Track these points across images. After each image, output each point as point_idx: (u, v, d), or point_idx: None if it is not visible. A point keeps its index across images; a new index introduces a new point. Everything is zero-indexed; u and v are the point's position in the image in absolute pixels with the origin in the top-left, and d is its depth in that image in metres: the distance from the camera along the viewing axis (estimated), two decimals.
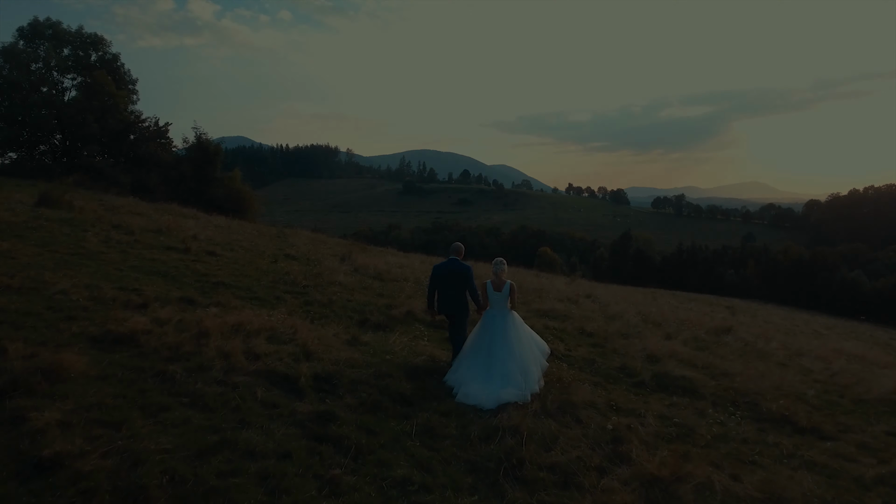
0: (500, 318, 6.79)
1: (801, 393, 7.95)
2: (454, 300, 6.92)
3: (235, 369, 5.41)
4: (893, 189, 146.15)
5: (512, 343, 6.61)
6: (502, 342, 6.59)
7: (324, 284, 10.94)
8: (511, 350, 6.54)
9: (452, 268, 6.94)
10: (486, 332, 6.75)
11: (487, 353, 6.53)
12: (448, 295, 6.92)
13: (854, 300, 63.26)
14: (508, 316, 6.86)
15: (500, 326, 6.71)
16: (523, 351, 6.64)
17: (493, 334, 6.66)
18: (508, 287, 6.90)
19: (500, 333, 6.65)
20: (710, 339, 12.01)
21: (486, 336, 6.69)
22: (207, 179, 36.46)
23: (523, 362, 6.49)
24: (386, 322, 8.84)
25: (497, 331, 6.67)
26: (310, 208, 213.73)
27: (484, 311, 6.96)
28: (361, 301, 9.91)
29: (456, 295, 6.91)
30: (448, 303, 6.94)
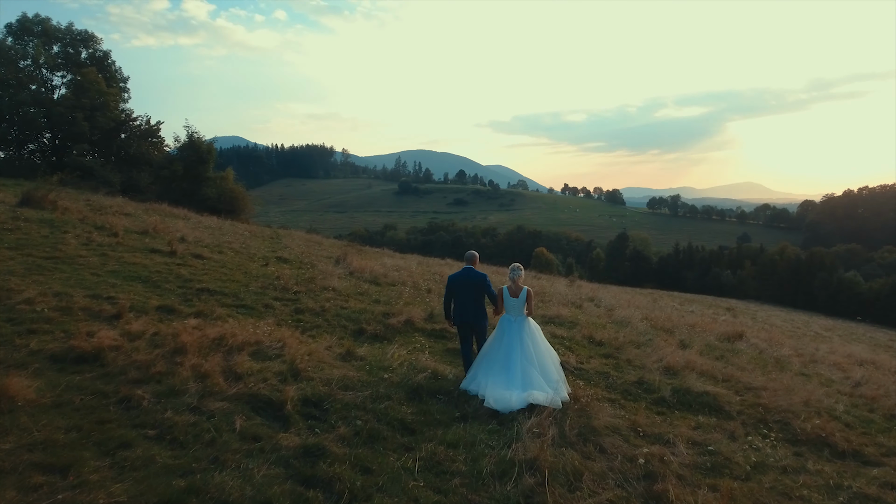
0: (517, 324, 6.57)
1: (831, 408, 7.35)
2: (471, 310, 6.72)
3: (213, 393, 4.75)
4: (888, 190, 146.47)
5: (529, 349, 6.45)
6: (520, 348, 6.42)
7: (317, 290, 10.28)
8: (528, 356, 6.37)
9: (468, 277, 6.74)
10: (502, 338, 6.55)
11: (505, 359, 6.37)
12: (464, 305, 6.73)
13: (851, 301, 63.08)
14: (525, 322, 6.62)
15: (517, 332, 6.51)
16: (541, 357, 6.48)
17: (510, 340, 6.48)
18: (525, 293, 6.67)
19: (518, 340, 6.47)
20: (723, 346, 11.42)
21: (504, 342, 6.51)
22: (199, 179, 35.69)
23: (543, 367, 6.37)
24: (383, 332, 8.18)
25: (514, 337, 6.49)
26: (305, 208, 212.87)
27: (499, 316, 6.77)
28: (357, 309, 9.25)
29: (472, 305, 6.73)
30: (464, 313, 6.72)
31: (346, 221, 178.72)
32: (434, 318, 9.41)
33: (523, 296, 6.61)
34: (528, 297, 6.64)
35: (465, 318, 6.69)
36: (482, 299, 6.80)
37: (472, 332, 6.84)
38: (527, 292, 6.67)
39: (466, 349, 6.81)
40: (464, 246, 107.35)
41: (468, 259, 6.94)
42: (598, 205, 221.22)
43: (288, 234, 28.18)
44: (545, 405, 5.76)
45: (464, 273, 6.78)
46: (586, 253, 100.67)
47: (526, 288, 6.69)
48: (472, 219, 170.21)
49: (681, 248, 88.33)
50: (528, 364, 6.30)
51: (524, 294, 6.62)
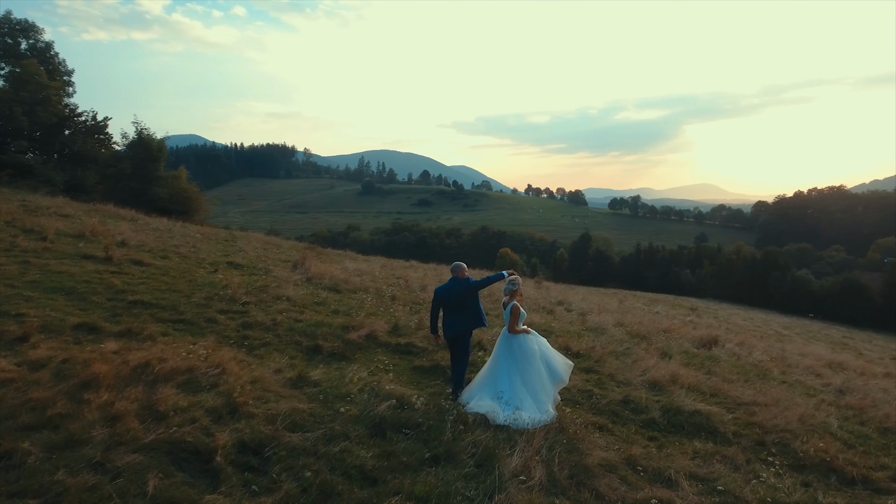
0: (503, 337, 6.27)
1: (826, 425, 6.87)
2: (458, 323, 6.39)
3: (124, 442, 3.80)
4: (835, 191, 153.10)
5: (507, 363, 6.08)
6: (504, 364, 6.11)
7: (269, 300, 9.29)
8: (506, 371, 6.02)
9: (454, 289, 6.44)
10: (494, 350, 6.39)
11: (491, 371, 6.19)
12: (452, 317, 6.41)
13: (804, 299, 65.03)
14: (508, 337, 6.22)
15: (502, 346, 6.24)
16: (523, 374, 6.00)
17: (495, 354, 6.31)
18: (507, 309, 6.20)
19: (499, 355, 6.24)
20: (701, 353, 10.98)
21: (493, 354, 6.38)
22: (150, 178, 33.81)
23: (525, 384, 5.93)
24: (342, 349, 7.28)
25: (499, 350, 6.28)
26: (266, 209, 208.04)
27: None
28: (313, 321, 8.30)
29: (460, 317, 6.39)
30: (452, 326, 6.40)
31: (308, 222, 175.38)
32: (399, 331, 8.58)
33: (506, 312, 6.17)
34: (511, 313, 6.10)
35: (453, 332, 6.35)
36: (474, 312, 6.40)
37: (459, 343, 6.43)
38: (510, 308, 6.15)
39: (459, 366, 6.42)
40: (428, 247, 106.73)
41: (454, 270, 6.60)
42: (561, 205, 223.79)
43: (244, 236, 26.79)
44: (528, 426, 5.32)
45: (450, 285, 6.46)
46: (550, 253, 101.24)
47: (512, 303, 6.17)
48: (436, 219, 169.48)
49: (642, 248, 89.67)
50: (506, 379, 5.94)
51: (506, 310, 6.17)
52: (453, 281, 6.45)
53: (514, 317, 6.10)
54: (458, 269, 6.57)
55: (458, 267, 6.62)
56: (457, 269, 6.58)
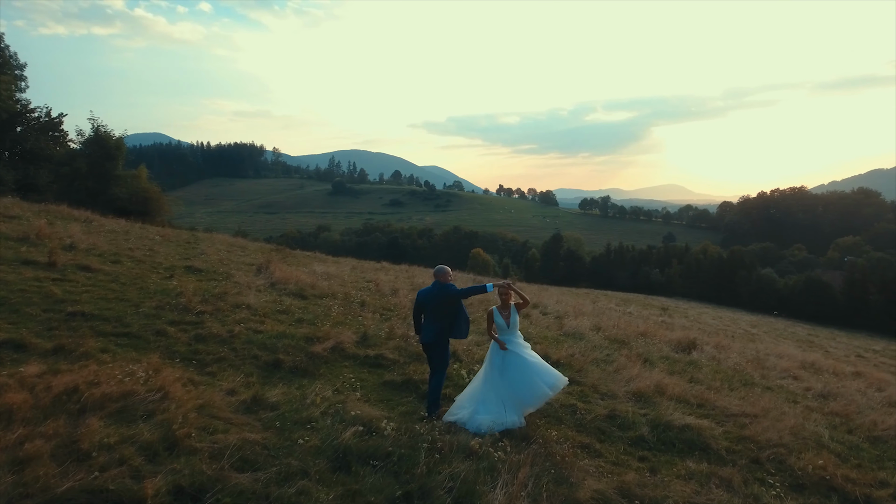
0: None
1: (816, 435, 6.57)
2: (433, 330, 5.99)
3: (31, 493, 3.14)
4: (796, 192, 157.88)
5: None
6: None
7: (227, 309, 8.57)
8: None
9: (434, 294, 6.04)
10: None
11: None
12: (428, 322, 6.03)
13: (769, 297, 66.59)
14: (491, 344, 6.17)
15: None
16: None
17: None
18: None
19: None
20: (681, 358, 10.68)
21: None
22: (107, 177, 32.33)
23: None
24: (305, 364, 6.65)
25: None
26: (234, 209, 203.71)
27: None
28: (274, 333, 7.64)
29: (437, 324, 5.99)
30: (426, 331, 6.02)
31: (277, 223, 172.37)
32: (368, 341, 7.98)
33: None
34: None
35: (429, 338, 5.98)
36: (451, 321, 6.01)
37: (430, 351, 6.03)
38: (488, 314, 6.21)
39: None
40: (400, 247, 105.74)
41: (436, 274, 6.17)
42: (532, 206, 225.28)
43: (208, 238, 25.70)
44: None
45: (431, 290, 6.07)
46: (522, 253, 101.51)
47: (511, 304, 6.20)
48: (408, 220, 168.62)
49: (612, 248, 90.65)
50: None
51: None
52: (435, 285, 6.05)
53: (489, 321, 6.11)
54: (440, 274, 6.10)
55: (440, 271, 6.14)
56: (439, 274, 6.11)
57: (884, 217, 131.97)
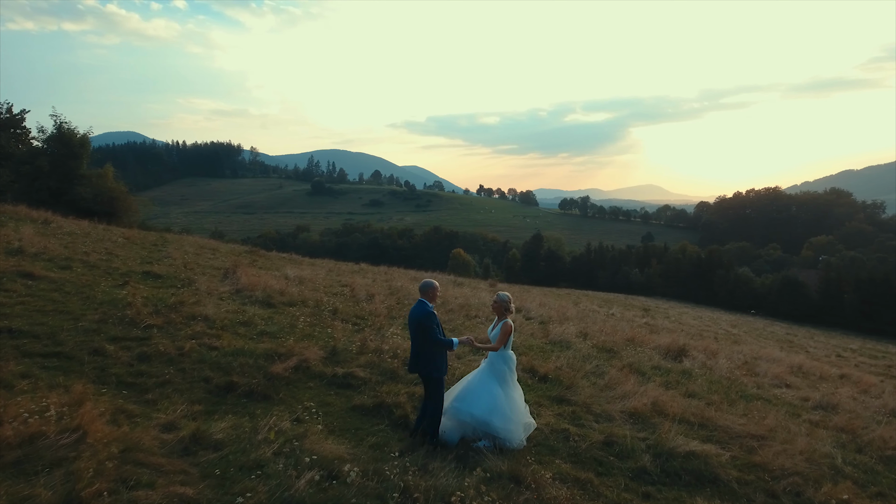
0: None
1: (829, 458, 6.00)
2: (412, 355, 5.24)
3: None
4: (771, 192, 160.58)
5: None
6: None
7: (180, 322, 7.70)
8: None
9: (412, 313, 5.33)
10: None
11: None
12: (413, 349, 5.26)
13: (746, 296, 67.22)
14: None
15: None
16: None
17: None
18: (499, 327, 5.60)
19: None
20: (674, 368, 10.10)
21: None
22: (71, 176, 30.88)
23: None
24: (263, 387, 5.84)
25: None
26: (211, 209, 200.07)
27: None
28: (231, 349, 6.81)
29: (418, 350, 5.17)
30: (412, 360, 5.25)
31: (255, 223, 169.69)
32: (337, 357, 7.19)
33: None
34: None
35: (413, 368, 5.23)
36: (417, 350, 5.19)
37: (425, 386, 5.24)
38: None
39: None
40: (380, 248, 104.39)
41: (421, 290, 5.40)
42: (513, 206, 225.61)
43: (177, 239, 24.56)
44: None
45: (414, 308, 5.31)
46: (503, 253, 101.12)
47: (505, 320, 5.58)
48: (388, 220, 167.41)
49: (592, 247, 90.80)
50: None
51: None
52: (417, 303, 5.28)
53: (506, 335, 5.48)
54: (424, 290, 5.33)
55: (423, 287, 5.36)
56: (422, 290, 5.34)
57: (855, 217, 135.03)
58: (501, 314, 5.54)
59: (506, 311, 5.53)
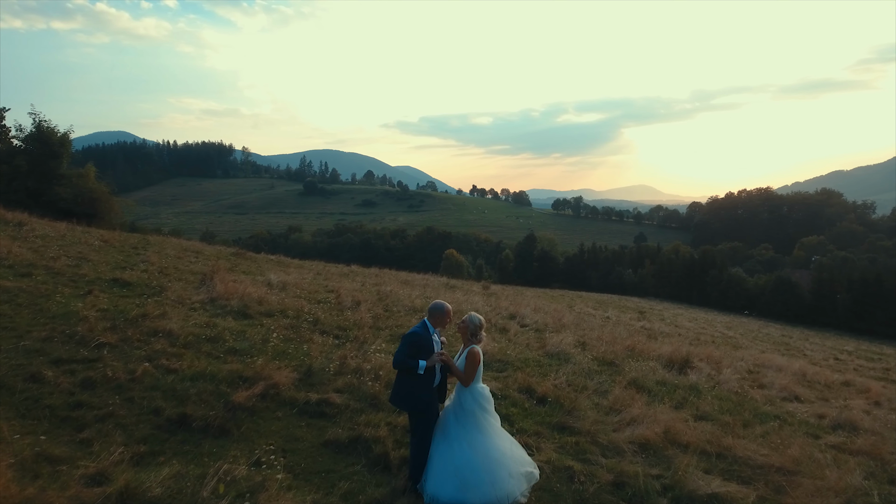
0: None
1: (864, 495, 5.33)
2: (396, 385, 4.47)
3: None
4: (763, 192, 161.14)
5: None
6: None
7: (138, 338, 6.91)
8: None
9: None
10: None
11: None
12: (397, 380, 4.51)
13: (739, 296, 66.99)
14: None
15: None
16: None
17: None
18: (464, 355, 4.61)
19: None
20: (679, 382, 9.41)
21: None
22: (50, 176, 29.92)
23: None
24: (222, 419, 5.06)
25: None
26: (202, 210, 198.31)
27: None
28: (191, 372, 6.03)
29: (398, 377, 4.46)
30: (392, 389, 4.52)
31: (246, 223, 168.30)
32: (312, 379, 6.42)
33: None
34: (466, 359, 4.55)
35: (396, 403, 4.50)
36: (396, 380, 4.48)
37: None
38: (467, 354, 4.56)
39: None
40: (373, 248, 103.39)
41: (429, 311, 4.64)
42: (506, 206, 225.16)
43: (160, 241, 23.65)
44: None
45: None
46: (495, 254, 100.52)
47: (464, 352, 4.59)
48: (380, 220, 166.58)
49: (586, 248, 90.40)
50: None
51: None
52: (419, 327, 4.50)
53: (473, 364, 4.46)
54: (431, 312, 4.60)
55: (431, 308, 4.62)
56: (430, 311, 4.61)
57: (846, 217, 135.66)
58: (467, 340, 4.62)
59: (473, 336, 4.59)
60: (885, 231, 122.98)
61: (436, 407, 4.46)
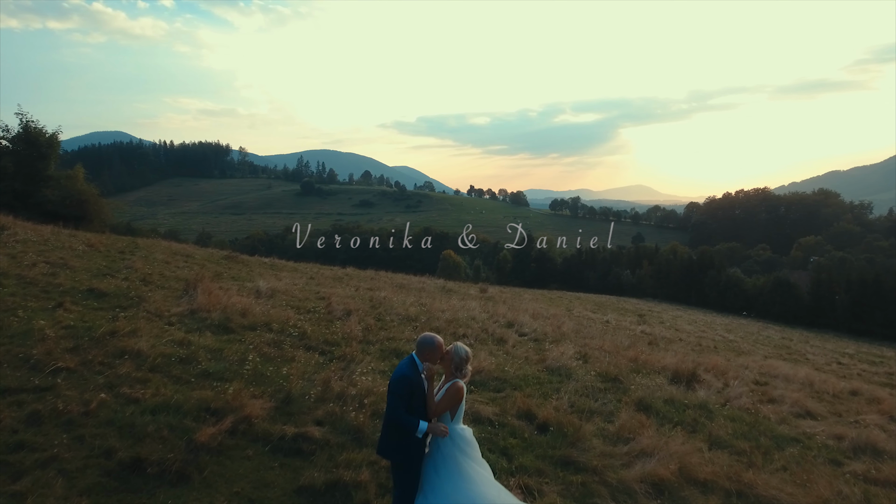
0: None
1: None
2: (383, 431, 3.92)
3: None
4: (760, 193, 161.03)
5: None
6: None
7: (102, 361, 6.29)
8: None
9: (393, 375, 3.92)
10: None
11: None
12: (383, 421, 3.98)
13: (737, 297, 66.63)
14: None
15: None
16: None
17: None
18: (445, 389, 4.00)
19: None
20: (688, 400, 8.83)
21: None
22: (37, 178, 29.24)
23: None
24: (182, 462, 4.45)
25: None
26: (199, 210, 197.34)
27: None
28: (155, 402, 5.41)
29: (390, 430, 3.86)
30: (381, 436, 3.96)
31: (243, 224, 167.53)
32: (290, 408, 5.81)
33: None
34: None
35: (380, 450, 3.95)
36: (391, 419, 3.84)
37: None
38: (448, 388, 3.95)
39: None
40: (370, 250, 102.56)
41: (417, 345, 3.97)
42: (503, 206, 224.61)
43: (150, 245, 23.01)
44: None
45: (398, 366, 3.95)
46: (493, 254, 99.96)
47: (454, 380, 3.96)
48: (378, 220, 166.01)
49: (584, 248, 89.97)
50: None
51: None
52: (405, 360, 3.93)
53: (453, 402, 3.83)
54: (420, 347, 3.95)
55: (420, 343, 3.97)
56: (419, 346, 3.96)
57: (843, 217, 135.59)
58: (451, 373, 3.99)
59: (457, 370, 3.97)
60: (882, 231, 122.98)
61: (423, 456, 3.87)
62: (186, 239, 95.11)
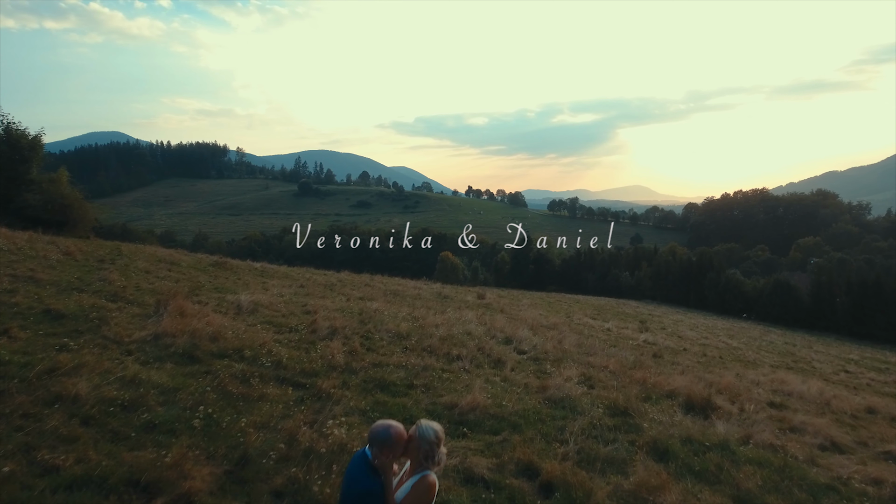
0: None
1: None
2: None
3: None
4: (758, 193, 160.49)
5: None
6: None
7: (24, 412, 5.30)
8: None
9: (349, 482, 3.00)
10: None
11: None
12: None
13: (737, 299, 65.83)
14: None
15: None
16: None
17: None
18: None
19: None
20: (707, 436, 7.89)
21: None
22: (18, 182, 28.19)
23: None
24: None
25: None
26: (196, 211, 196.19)
27: None
28: (73, 472, 4.37)
29: None
30: None
31: (241, 224, 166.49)
32: (245, 471, 4.82)
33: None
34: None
35: None
36: None
37: None
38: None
39: None
40: (368, 250, 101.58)
41: (370, 440, 3.02)
42: (501, 207, 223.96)
43: (134, 251, 22.05)
44: None
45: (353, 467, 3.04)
46: (491, 255, 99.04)
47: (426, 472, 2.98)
48: (375, 221, 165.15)
49: (582, 249, 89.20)
50: None
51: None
52: (358, 459, 3.02)
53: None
54: (373, 440, 2.99)
55: (373, 436, 3.00)
56: (372, 440, 3.00)
57: (841, 218, 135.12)
58: (418, 463, 3.04)
59: (426, 458, 3.01)
60: (881, 232, 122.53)
61: None
62: (183, 240, 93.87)
